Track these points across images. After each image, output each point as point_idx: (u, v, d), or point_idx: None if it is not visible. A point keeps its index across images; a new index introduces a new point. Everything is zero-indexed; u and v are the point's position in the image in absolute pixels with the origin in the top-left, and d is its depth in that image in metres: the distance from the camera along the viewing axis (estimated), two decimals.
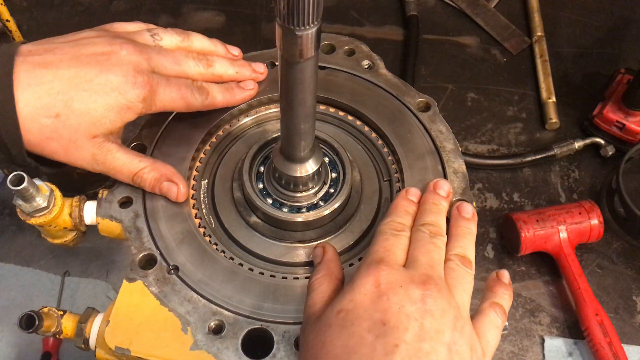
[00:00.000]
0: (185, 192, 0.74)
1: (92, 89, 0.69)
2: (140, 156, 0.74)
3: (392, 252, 0.64)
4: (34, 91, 0.67)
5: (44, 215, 0.71)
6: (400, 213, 0.70)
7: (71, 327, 0.72)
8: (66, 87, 0.68)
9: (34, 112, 0.67)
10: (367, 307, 0.59)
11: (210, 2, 1.40)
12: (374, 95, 0.84)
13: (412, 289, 0.59)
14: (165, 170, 0.74)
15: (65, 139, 0.69)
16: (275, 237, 0.75)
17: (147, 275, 0.69)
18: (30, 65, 0.68)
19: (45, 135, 0.68)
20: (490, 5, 1.40)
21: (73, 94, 0.68)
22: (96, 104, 0.69)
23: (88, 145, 0.70)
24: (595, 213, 1.03)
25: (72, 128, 0.69)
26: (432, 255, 0.64)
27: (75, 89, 0.68)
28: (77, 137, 0.69)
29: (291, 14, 0.51)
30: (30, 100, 0.67)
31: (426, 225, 0.68)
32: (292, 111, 0.63)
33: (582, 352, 0.99)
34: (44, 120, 0.67)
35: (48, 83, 0.68)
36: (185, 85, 0.75)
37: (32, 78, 0.67)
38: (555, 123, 1.21)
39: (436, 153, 0.79)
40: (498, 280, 0.69)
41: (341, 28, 1.36)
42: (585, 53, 1.34)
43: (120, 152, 0.72)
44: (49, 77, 0.68)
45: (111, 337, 0.66)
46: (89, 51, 0.71)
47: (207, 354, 0.64)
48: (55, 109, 0.68)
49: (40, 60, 0.69)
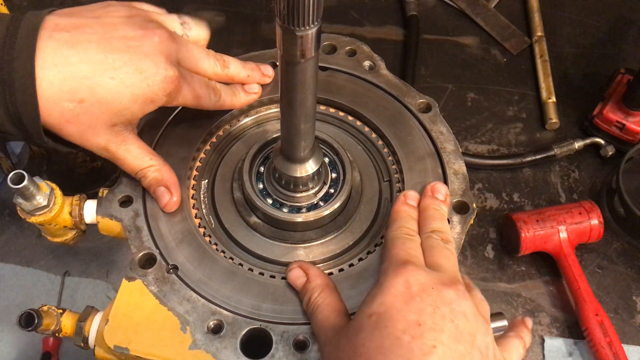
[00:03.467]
0: (176, 204, 0.74)
1: (119, 78, 0.65)
2: (152, 153, 0.73)
3: (414, 254, 0.65)
4: (60, 72, 0.63)
5: (44, 213, 0.71)
6: (406, 218, 0.70)
7: (70, 325, 0.72)
8: (93, 71, 0.64)
9: (58, 94, 0.63)
10: (400, 309, 0.58)
11: (210, 2, 1.40)
12: (375, 96, 0.84)
13: (444, 291, 0.60)
14: (168, 176, 0.73)
15: (84, 125, 0.66)
16: (275, 238, 0.75)
17: (146, 275, 0.69)
18: (56, 42, 0.64)
19: (65, 118, 0.65)
20: (490, 5, 1.40)
21: (99, 80, 0.65)
22: (122, 94, 0.66)
23: (105, 133, 0.68)
24: (595, 213, 1.03)
25: (94, 115, 0.66)
26: (452, 261, 0.65)
27: (102, 75, 0.65)
28: (96, 124, 0.66)
29: (291, 14, 0.51)
30: (55, 82, 0.63)
31: (436, 232, 0.68)
32: (292, 111, 0.63)
33: (582, 352, 0.99)
34: (67, 104, 0.64)
35: (75, 65, 0.64)
36: (205, 85, 0.74)
37: (58, 57, 0.63)
38: (555, 123, 1.21)
39: (436, 154, 0.79)
40: (523, 323, 0.74)
41: (341, 28, 1.36)
42: (585, 53, 1.34)
43: (134, 144, 0.71)
44: (76, 59, 0.64)
45: (110, 335, 0.66)
46: (119, 34, 0.67)
47: (206, 353, 0.64)
48: (80, 94, 0.64)
49: (68, 39, 0.64)
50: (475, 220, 1.07)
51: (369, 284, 0.69)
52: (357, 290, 0.69)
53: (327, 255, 0.74)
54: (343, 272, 0.71)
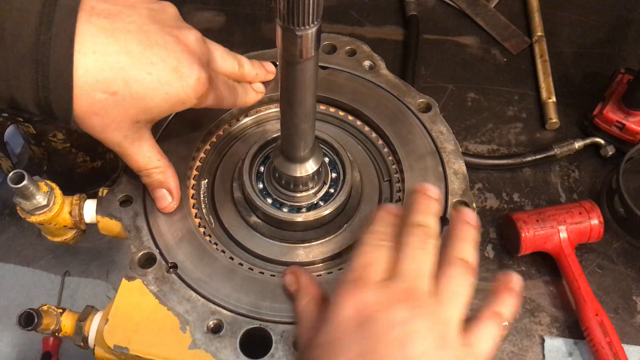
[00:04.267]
0: (173, 208, 0.73)
1: (155, 74, 0.62)
2: (160, 154, 0.70)
3: (372, 267, 0.59)
4: (97, 61, 0.59)
5: (44, 213, 0.71)
6: (384, 223, 0.64)
7: (70, 325, 0.72)
8: (130, 64, 0.61)
9: (92, 84, 0.59)
10: (349, 337, 0.54)
11: (210, 2, 1.40)
12: (375, 96, 0.84)
13: (394, 311, 0.55)
14: (171, 180, 0.72)
15: (110, 118, 0.62)
16: (275, 237, 0.75)
17: (146, 274, 0.69)
18: (95, 28, 0.59)
19: (94, 109, 0.61)
20: (490, 5, 1.40)
21: (135, 74, 0.61)
22: (156, 91, 0.62)
23: (126, 128, 0.64)
24: (595, 213, 1.03)
25: (123, 109, 0.62)
26: (419, 264, 0.59)
27: (138, 68, 0.61)
28: (122, 119, 0.63)
29: (291, 14, 0.50)
30: (92, 70, 0.59)
31: (416, 226, 0.61)
32: (292, 111, 0.63)
33: (582, 352, 0.99)
34: (99, 95, 0.60)
35: (114, 55, 0.60)
36: (226, 85, 0.73)
37: (96, 44, 0.59)
38: (555, 123, 1.21)
39: (437, 154, 0.79)
40: (505, 285, 0.62)
41: (341, 28, 1.36)
42: (585, 53, 1.34)
43: (148, 143, 0.68)
44: (115, 48, 0.60)
45: (110, 335, 0.66)
46: (156, 27, 0.63)
47: (206, 353, 0.64)
48: (114, 86, 0.60)
49: (107, 26, 0.60)
50: None
51: None
52: None
53: (327, 255, 0.74)
54: (343, 272, 0.71)
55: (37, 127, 0.95)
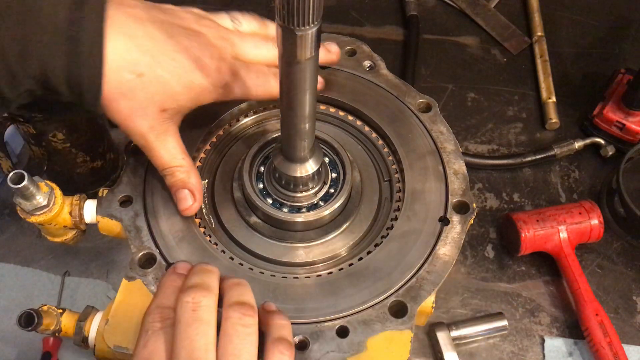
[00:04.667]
0: (195, 210, 0.72)
1: (179, 61, 0.65)
2: (185, 152, 0.71)
3: None
4: (125, 42, 0.62)
5: (44, 213, 0.71)
6: (167, 292, 0.56)
7: (70, 325, 0.72)
8: (155, 49, 0.64)
9: (120, 63, 0.61)
10: None
11: (210, 2, 1.40)
12: (375, 96, 0.84)
13: None
14: (194, 181, 0.71)
15: (137, 102, 0.64)
16: (275, 237, 0.75)
17: (146, 274, 0.69)
18: (123, 14, 0.63)
19: (121, 91, 0.63)
20: (490, 5, 1.40)
21: (160, 59, 0.64)
22: (180, 77, 0.65)
23: (152, 117, 0.65)
24: (595, 213, 1.03)
25: (149, 93, 0.64)
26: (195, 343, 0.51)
27: (163, 54, 0.64)
28: (148, 104, 0.64)
29: (291, 14, 0.51)
30: (119, 50, 0.61)
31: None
32: (292, 111, 0.63)
33: (582, 352, 0.99)
34: (127, 75, 0.62)
35: (140, 38, 0.63)
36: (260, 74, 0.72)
37: (124, 27, 0.62)
38: (555, 123, 1.21)
39: (437, 154, 0.79)
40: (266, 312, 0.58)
41: (341, 28, 1.36)
42: (585, 53, 1.34)
43: (173, 139, 0.69)
44: (141, 32, 0.63)
45: (110, 335, 0.66)
46: (179, 22, 0.67)
47: None
48: (141, 67, 0.63)
49: (133, 13, 0.64)
50: (475, 220, 1.08)
51: (369, 283, 0.69)
52: (356, 289, 0.69)
53: (327, 255, 0.74)
54: (343, 272, 0.71)
55: (37, 127, 0.95)
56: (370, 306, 0.68)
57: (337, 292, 0.69)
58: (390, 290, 0.69)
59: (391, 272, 0.70)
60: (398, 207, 0.76)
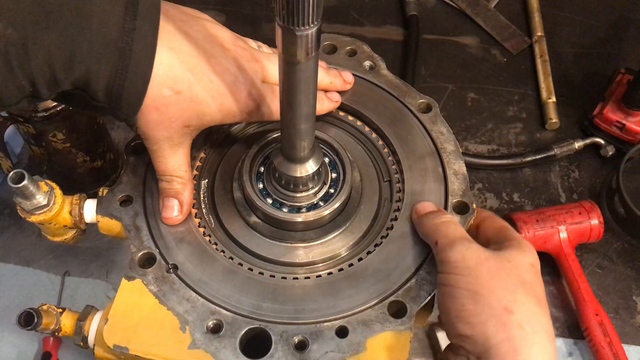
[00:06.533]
0: (176, 222, 0.73)
1: (216, 82, 0.65)
2: (189, 166, 0.71)
3: None
4: (169, 56, 0.61)
5: (44, 213, 0.71)
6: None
7: (70, 324, 0.73)
8: (197, 68, 0.63)
9: (162, 78, 0.61)
10: None
11: (210, 2, 1.40)
12: (375, 96, 0.84)
13: None
14: (187, 195, 0.72)
15: (166, 117, 0.63)
16: (275, 237, 0.75)
17: (146, 274, 0.69)
18: (172, 27, 0.62)
19: (156, 104, 0.62)
20: (490, 5, 1.40)
21: (199, 79, 0.63)
22: (214, 99, 0.65)
23: (173, 131, 0.65)
24: (595, 213, 1.03)
25: (180, 110, 0.63)
26: None
27: (203, 74, 0.64)
28: (175, 119, 0.64)
29: (291, 14, 0.50)
30: (164, 65, 0.61)
31: None
32: (292, 111, 0.63)
33: (582, 352, 0.99)
34: (166, 91, 0.61)
35: (186, 55, 0.62)
36: None
37: (173, 41, 0.62)
38: (555, 123, 1.21)
39: (437, 154, 0.79)
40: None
41: (341, 28, 1.36)
42: (585, 53, 1.34)
43: (185, 150, 0.69)
44: (186, 48, 0.63)
45: (110, 335, 0.66)
46: (217, 41, 0.67)
47: (205, 353, 0.64)
48: (181, 85, 0.62)
49: (182, 27, 0.63)
50: None
51: (369, 283, 0.69)
52: (356, 290, 0.69)
53: (327, 255, 0.74)
54: (343, 272, 0.71)
55: (37, 127, 0.95)
56: (369, 306, 0.68)
57: (337, 292, 0.69)
58: (390, 290, 0.69)
59: (391, 272, 0.70)
60: (398, 208, 0.76)
